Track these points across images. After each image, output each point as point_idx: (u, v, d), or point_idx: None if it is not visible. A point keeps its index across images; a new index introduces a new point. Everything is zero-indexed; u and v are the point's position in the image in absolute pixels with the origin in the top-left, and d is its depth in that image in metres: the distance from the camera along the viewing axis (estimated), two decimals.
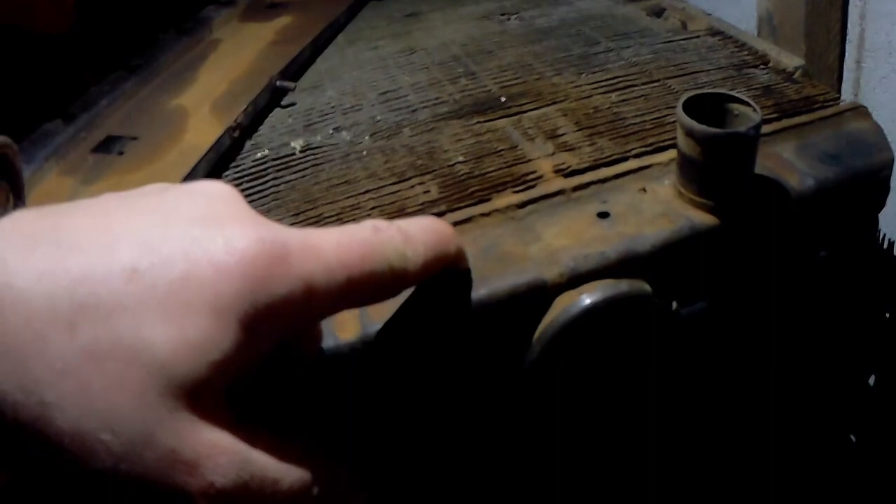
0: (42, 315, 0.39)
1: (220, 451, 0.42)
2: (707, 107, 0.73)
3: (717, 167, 0.71)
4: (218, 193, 0.48)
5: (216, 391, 0.43)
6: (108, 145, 1.00)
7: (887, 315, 1.13)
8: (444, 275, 0.58)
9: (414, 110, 0.98)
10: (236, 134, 0.97)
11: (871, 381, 1.19)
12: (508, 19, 1.24)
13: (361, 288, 0.48)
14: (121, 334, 0.40)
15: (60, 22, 1.78)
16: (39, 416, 0.39)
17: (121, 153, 0.98)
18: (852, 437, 1.20)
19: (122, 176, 0.93)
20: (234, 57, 1.22)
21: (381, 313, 0.67)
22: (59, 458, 0.40)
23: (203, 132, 0.98)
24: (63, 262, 0.41)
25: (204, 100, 1.09)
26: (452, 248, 0.57)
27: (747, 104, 0.73)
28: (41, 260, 0.41)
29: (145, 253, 0.42)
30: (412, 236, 0.52)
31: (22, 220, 0.43)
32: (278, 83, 1.09)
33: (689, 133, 0.70)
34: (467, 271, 0.66)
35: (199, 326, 0.41)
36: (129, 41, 1.40)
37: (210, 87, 1.13)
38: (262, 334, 0.44)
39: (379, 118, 0.98)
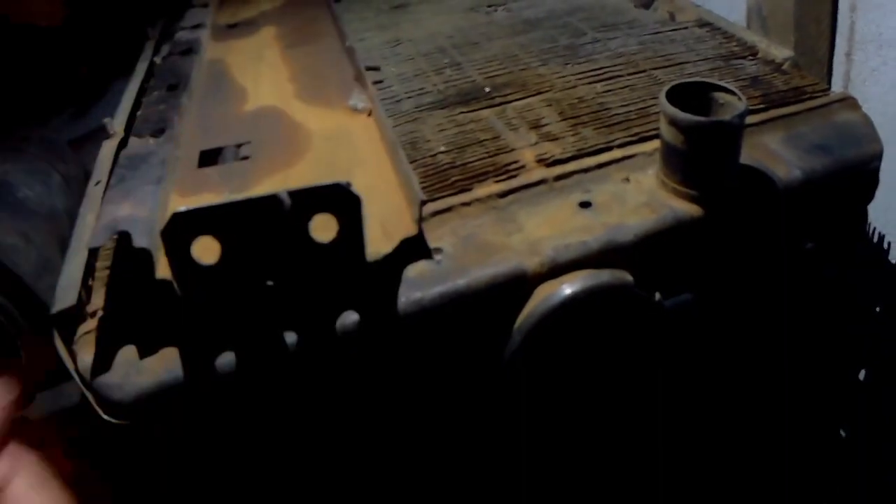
0: None
1: None
2: (691, 96, 0.72)
3: (702, 156, 0.71)
4: None
5: None
6: (213, 157, 0.96)
7: (877, 309, 1.13)
8: None
9: (398, 101, 0.97)
10: None
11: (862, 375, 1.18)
12: (496, 10, 1.23)
13: None
14: None
15: (52, 14, 1.77)
16: None
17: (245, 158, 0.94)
18: (842, 432, 1.20)
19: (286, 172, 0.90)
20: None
21: None
22: None
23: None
24: None
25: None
26: None
27: (732, 93, 0.72)
28: None
29: None
30: None
31: None
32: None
33: (673, 121, 0.69)
34: None
35: None
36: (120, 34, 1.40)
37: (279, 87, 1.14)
38: None
39: None
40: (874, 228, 1.10)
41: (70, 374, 0.69)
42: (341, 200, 0.57)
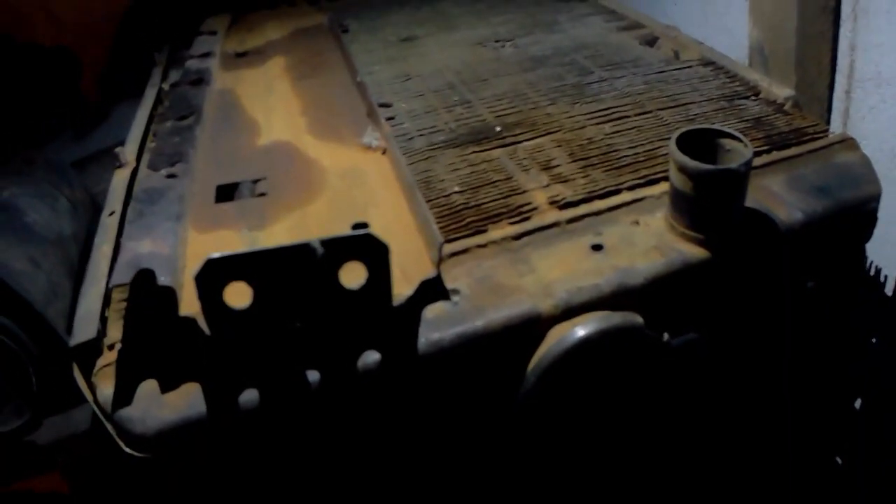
0: None
1: None
2: (699, 141, 0.74)
3: (709, 201, 0.73)
4: None
5: None
6: (229, 192, 0.96)
7: (873, 341, 1.15)
8: None
9: (410, 138, 0.99)
10: None
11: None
12: (503, 46, 1.25)
13: None
14: None
15: (54, 34, 1.79)
16: None
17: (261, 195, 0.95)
18: (838, 460, 1.21)
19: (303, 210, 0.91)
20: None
21: None
22: None
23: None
24: None
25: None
26: None
27: (738, 139, 0.74)
28: None
29: None
30: None
31: None
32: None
33: (682, 169, 0.71)
34: None
35: None
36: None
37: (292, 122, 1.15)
38: None
39: None
40: (871, 262, 1.12)
41: (76, 400, 0.71)
42: (371, 249, 0.58)
